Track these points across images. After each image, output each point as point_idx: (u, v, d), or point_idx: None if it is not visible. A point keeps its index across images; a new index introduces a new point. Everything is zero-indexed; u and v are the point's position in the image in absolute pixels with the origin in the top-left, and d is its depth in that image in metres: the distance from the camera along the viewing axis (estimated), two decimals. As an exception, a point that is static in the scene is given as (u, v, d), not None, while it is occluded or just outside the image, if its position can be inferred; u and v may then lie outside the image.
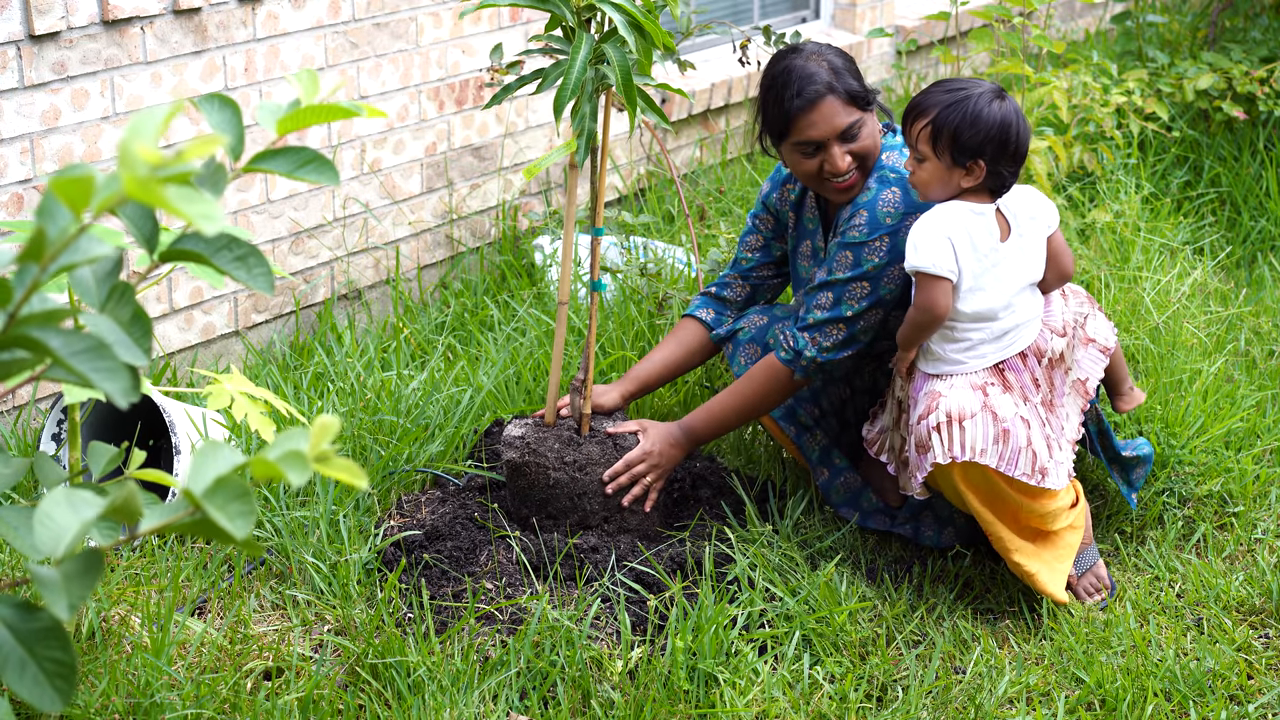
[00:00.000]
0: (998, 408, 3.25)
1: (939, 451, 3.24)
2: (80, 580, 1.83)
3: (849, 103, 3.49)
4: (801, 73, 3.50)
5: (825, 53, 3.54)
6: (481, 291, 4.93)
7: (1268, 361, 4.55)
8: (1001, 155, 3.28)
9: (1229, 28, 6.30)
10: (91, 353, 1.76)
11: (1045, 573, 3.40)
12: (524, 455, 3.58)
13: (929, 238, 3.29)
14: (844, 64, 3.53)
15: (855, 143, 3.50)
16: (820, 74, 3.48)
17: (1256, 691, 3.19)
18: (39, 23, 3.76)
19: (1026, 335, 3.39)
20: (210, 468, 1.77)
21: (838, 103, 3.48)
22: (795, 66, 3.52)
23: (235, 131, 2.04)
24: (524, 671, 3.11)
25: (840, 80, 3.48)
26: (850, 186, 3.54)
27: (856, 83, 3.51)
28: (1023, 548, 3.38)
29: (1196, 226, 5.42)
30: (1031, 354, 3.39)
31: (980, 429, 3.23)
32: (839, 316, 3.48)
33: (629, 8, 3.22)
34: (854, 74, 3.53)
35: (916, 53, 6.73)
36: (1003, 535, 3.37)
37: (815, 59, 3.52)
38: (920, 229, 3.31)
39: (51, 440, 3.75)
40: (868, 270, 3.45)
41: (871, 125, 3.53)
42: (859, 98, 3.49)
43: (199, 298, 4.33)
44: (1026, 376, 3.38)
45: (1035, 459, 3.26)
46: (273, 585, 3.39)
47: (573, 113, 3.37)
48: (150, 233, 1.93)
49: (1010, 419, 3.25)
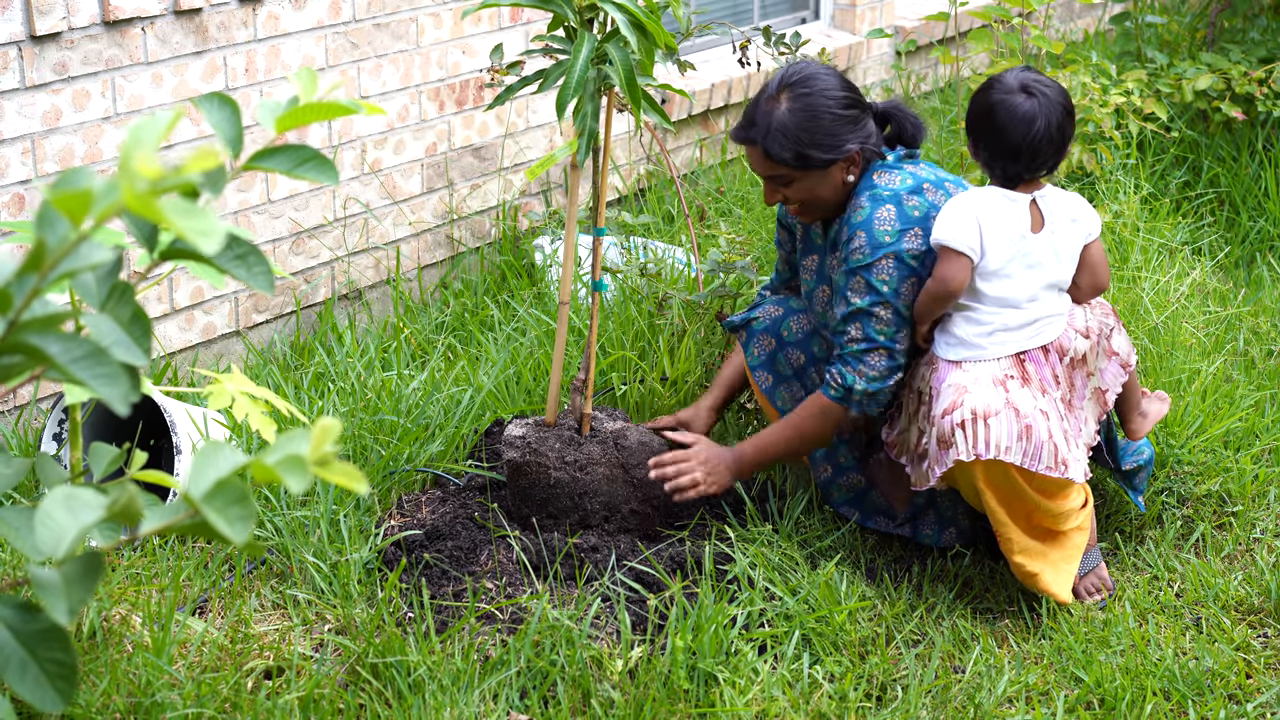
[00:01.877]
0: (1019, 403, 3.26)
1: (963, 449, 3.24)
2: (80, 584, 1.83)
3: (769, 160, 3.46)
4: (751, 106, 3.51)
5: (799, 96, 3.44)
6: (482, 291, 4.93)
7: (1266, 361, 4.55)
8: (997, 149, 3.38)
9: (1227, 28, 6.30)
10: (90, 359, 1.77)
11: (1049, 573, 3.40)
12: (525, 455, 3.58)
13: (957, 215, 3.36)
14: (798, 120, 3.42)
15: (788, 189, 3.50)
16: (760, 120, 3.45)
17: (1255, 691, 3.19)
18: (40, 23, 3.76)
19: (1050, 331, 3.40)
20: (210, 469, 1.77)
21: (758, 155, 3.49)
22: (759, 97, 3.50)
23: (234, 130, 2.05)
24: (524, 671, 3.12)
25: (771, 140, 3.43)
26: (799, 215, 3.57)
27: (790, 150, 3.41)
28: (1029, 548, 3.38)
29: (1195, 227, 5.42)
30: (1054, 350, 3.40)
31: (1004, 426, 3.24)
32: (875, 345, 3.44)
33: (631, 7, 3.23)
34: (801, 135, 3.42)
35: (916, 53, 6.74)
36: (1012, 536, 3.37)
37: (777, 100, 3.46)
38: (952, 205, 3.38)
39: (53, 440, 3.75)
40: (884, 293, 3.41)
41: (811, 180, 3.47)
42: (784, 162, 3.44)
43: (200, 298, 4.34)
44: (1047, 371, 3.39)
45: (1056, 451, 3.27)
46: (273, 585, 3.40)
47: (575, 112, 3.37)
48: (150, 232, 1.94)
49: (1031, 413, 3.25)
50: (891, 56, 6.67)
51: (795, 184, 3.49)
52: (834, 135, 3.44)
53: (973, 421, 3.25)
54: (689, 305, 4.32)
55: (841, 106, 3.46)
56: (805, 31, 6.33)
